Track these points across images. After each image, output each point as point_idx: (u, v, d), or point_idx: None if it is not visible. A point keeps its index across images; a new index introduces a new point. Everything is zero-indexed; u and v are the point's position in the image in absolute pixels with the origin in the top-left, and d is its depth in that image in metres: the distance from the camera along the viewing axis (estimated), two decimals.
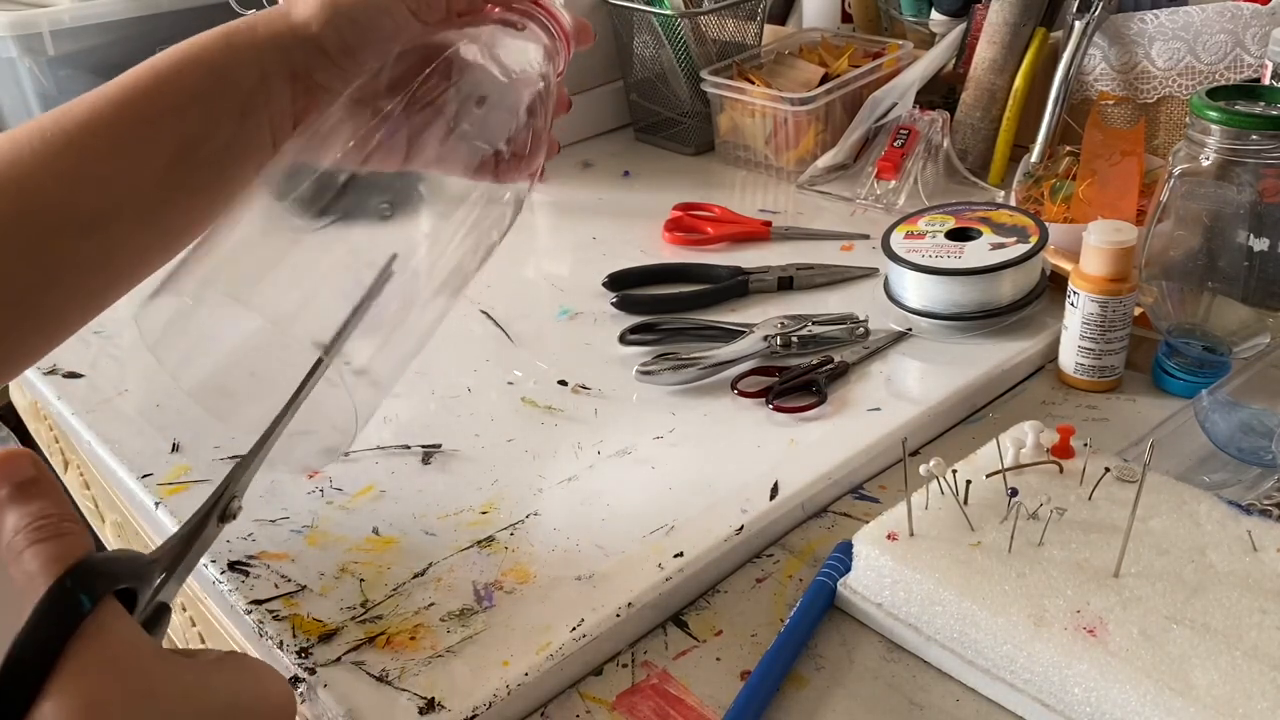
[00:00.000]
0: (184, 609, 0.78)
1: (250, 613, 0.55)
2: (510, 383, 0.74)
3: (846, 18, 1.22)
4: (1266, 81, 0.78)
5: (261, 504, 0.63)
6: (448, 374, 0.75)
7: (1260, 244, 0.69)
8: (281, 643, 0.53)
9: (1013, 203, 0.88)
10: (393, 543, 0.60)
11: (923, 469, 0.54)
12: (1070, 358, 0.72)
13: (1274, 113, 0.67)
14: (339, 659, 0.52)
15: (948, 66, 1.07)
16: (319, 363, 0.41)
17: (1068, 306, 0.70)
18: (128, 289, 0.49)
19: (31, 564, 0.32)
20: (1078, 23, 0.92)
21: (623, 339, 0.78)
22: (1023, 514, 0.53)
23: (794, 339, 0.74)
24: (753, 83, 1.05)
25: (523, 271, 0.91)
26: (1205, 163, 0.69)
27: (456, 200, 0.50)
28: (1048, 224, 0.77)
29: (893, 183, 0.97)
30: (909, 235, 0.79)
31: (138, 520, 0.81)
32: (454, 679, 0.50)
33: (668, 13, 1.08)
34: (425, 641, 0.53)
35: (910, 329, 0.76)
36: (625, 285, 0.86)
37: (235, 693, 0.35)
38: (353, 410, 0.43)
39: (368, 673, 0.51)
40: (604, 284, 0.86)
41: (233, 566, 0.58)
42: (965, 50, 1.04)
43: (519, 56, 0.51)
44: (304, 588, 0.57)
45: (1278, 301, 0.71)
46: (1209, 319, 0.72)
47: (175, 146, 0.47)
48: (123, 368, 0.78)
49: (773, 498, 0.61)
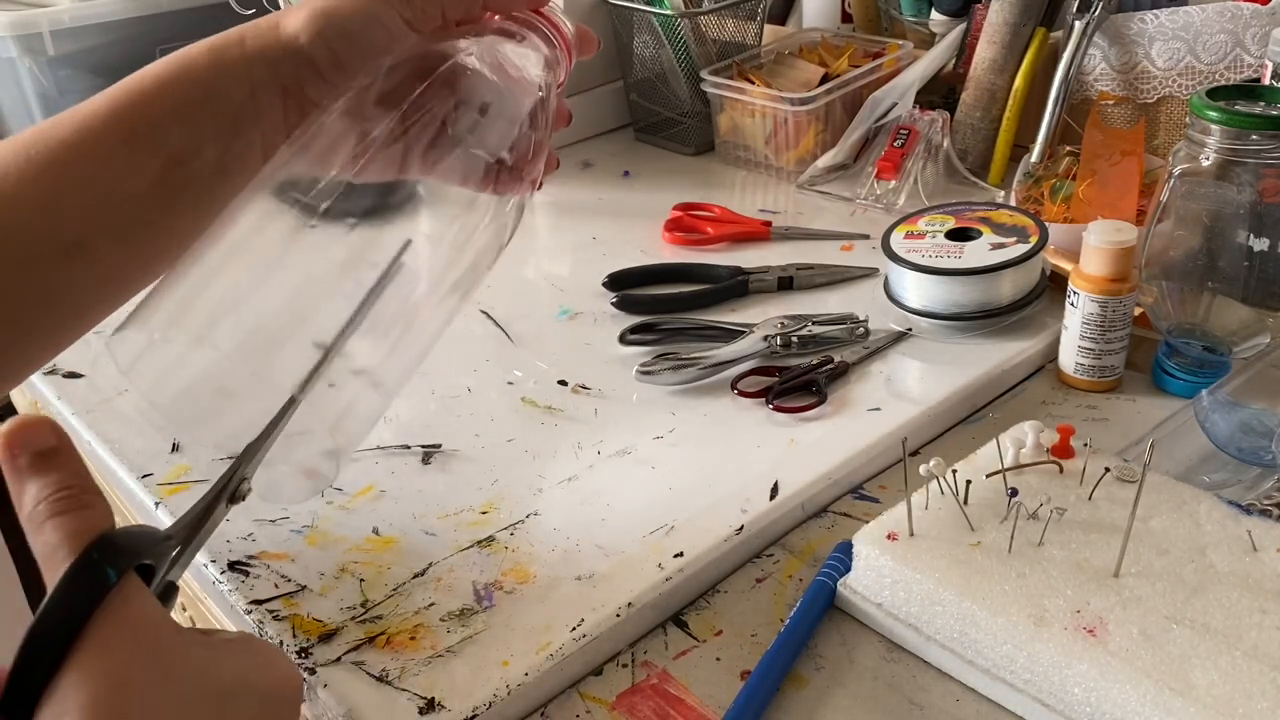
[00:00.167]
0: (184, 609, 0.78)
1: (250, 613, 0.55)
2: (510, 383, 0.74)
3: (846, 18, 1.23)
4: (1266, 81, 0.78)
5: (262, 504, 0.63)
6: (448, 374, 0.75)
7: (1260, 244, 0.69)
8: (281, 643, 0.53)
9: (1013, 203, 0.88)
10: (393, 543, 0.60)
11: (923, 469, 0.54)
12: (1070, 358, 0.72)
13: (1274, 113, 0.67)
14: (339, 659, 0.52)
15: (948, 66, 1.07)
16: (317, 365, 0.41)
17: (1068, 306, 0.70)
18: (122, 304, 0.48)
19: (53, 536, 0.33)
20: (1078, 23, 0.92)
21: (623, 339, 0.78)
22: (1023, 514, 0.53)
23: (794, 339, 0.74)
24: (753, 83, 1.05)
25: (523, 271, 0.91)
26: (1205, 163, 0.69)
27: (452, 210, 0.49)
28: (1048, 224, 0.77)
29: (893, 183, 0.97)
30: (909, 235, 0.79)
31: (137, 520, 0.81)
32: (454, 679, 0.50)
33: (668, 13, 1.07)
34: (425, 641, 0.53)
35: (910, 329, 0.76)
36: (625, 285, 0.86)
37: (244, 673, 0.35)
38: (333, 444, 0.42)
39: (368, 673, 0.51)
40: (604, 284, 0.86)
41: (233, 566, 0.58)
42: (965, 50, 1.04)
43: (519, 66, 0.50)
44: (304, 588, 0.57)
45: (1278, 301, 0.71)
46: (1209, 319, 0.72)
47: (161, 164, 0.45)
48: None
49: (773, 498, 0.61)
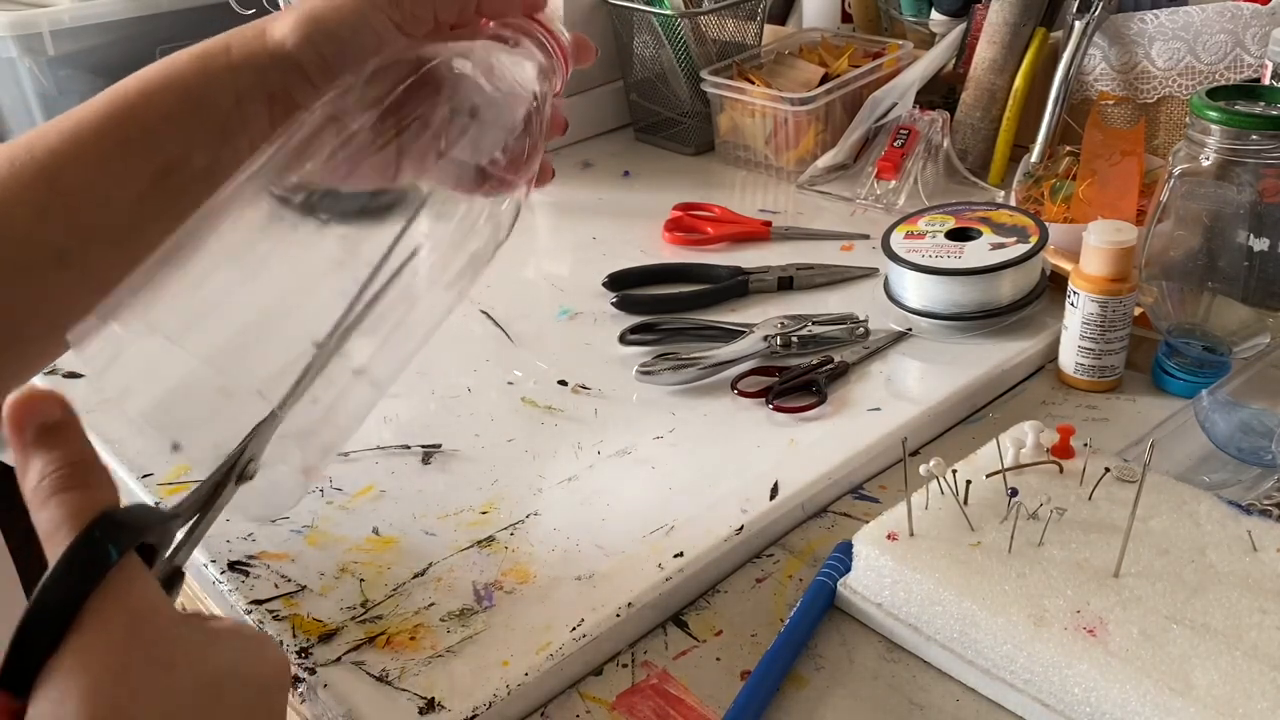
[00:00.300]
0: (184, 609, 0.78)
1: (250, 613, 0.55)
2: (510, 383, 0.74)
3: (846, 18, 1.23)
4: (1266, 81, 0.78)
5: (259, 515, 0.63)
6: (448, 374, 0.75)
7: (1260, 244, 0.69)
8: (281, 643, 0.53)
9: (1013, 203, 0.88)
10: (393, 543, 0.60)
11: (923, 469, 0.54)
12: (1070, 358, 0.72)
13: (1274, 113, 0.67)
14: (339, 659, 0.52)
15: (948, 66, 1.07)
16: (314, 360, 0.41)
17: (1068, 306, 0.70)
18: None
19: (57, 512, 0.33)
20: (1078, 23, 0.92)
21: (623, 339, 0.78)
22: (1023, 514, 0.53)
23: (794, 339, 0.74)
24: (753, 83, 1.05)
25: (523, 271, 0.91)
26: (1205, 163, 0.69)
27: (445, 209, 0.49)
28: (1048, 224, 0.77)
29: (893, 183, 0.97)
30: (909, 235, 0.79)
31: None
32: (454, 679, 0.50)
33: (668, 13, 1.07)
34: (425, 641, 0.53)
35: (910, 329, 0.76)
36: (625, 285, 0.86)
37: (235, 661, 0.35)
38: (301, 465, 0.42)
39: (368, 673, 0.51)
40: (604, 284, 0.86)
41: (233, 566, 0.58)
42: (965, 50, 1.05)
43: (512, 73, 0.50)
44: (304, 588, 0.57)
45: (1278, 301, 0.71)
46: (1209, 319, 0.72)
47: (150, 173, 0.45)
48: None
49: (773, 498, 0.61)
